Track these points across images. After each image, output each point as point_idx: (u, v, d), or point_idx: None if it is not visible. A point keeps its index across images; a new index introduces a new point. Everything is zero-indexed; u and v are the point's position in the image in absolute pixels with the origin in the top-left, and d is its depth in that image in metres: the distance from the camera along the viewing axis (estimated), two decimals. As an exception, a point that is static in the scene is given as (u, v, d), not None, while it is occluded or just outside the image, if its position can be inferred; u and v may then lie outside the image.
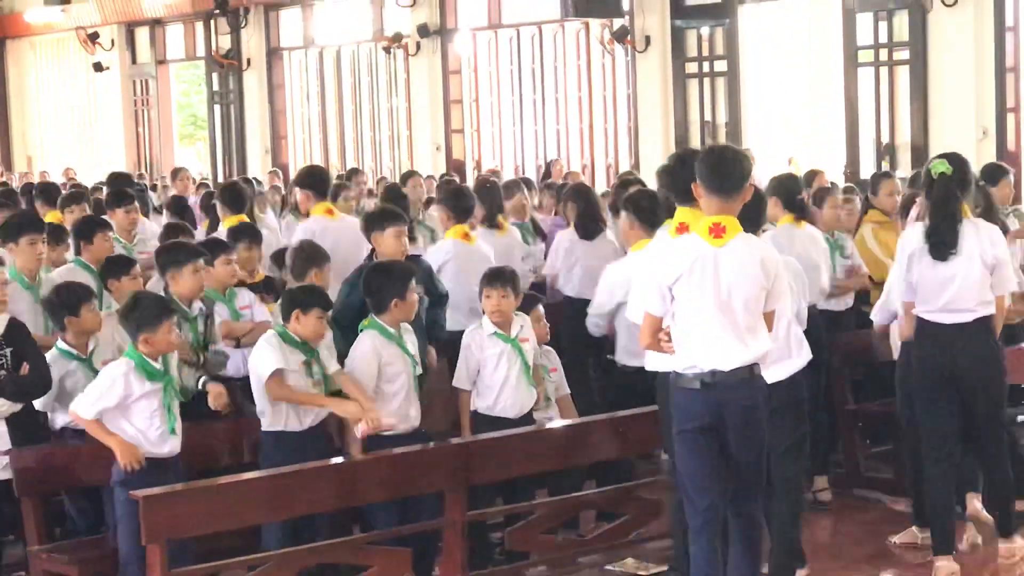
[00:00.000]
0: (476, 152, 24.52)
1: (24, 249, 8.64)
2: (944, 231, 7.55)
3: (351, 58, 26.36)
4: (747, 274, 6.42)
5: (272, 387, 7.41)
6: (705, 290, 6.39)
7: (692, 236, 6.52)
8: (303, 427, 7.55)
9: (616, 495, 8.34)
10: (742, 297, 6.41)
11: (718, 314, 6.39)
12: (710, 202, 6.43)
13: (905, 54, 18.44)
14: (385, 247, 8.71)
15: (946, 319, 7.65)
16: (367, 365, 7.65)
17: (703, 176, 6.45)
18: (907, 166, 17.50)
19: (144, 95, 30.12)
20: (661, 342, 6.51)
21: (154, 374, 7.12)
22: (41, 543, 7.26)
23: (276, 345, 7.48)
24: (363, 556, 7.36)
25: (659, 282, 6.47)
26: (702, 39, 21.10)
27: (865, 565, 8.39)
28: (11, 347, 7.48)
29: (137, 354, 7.13)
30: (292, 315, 7.56)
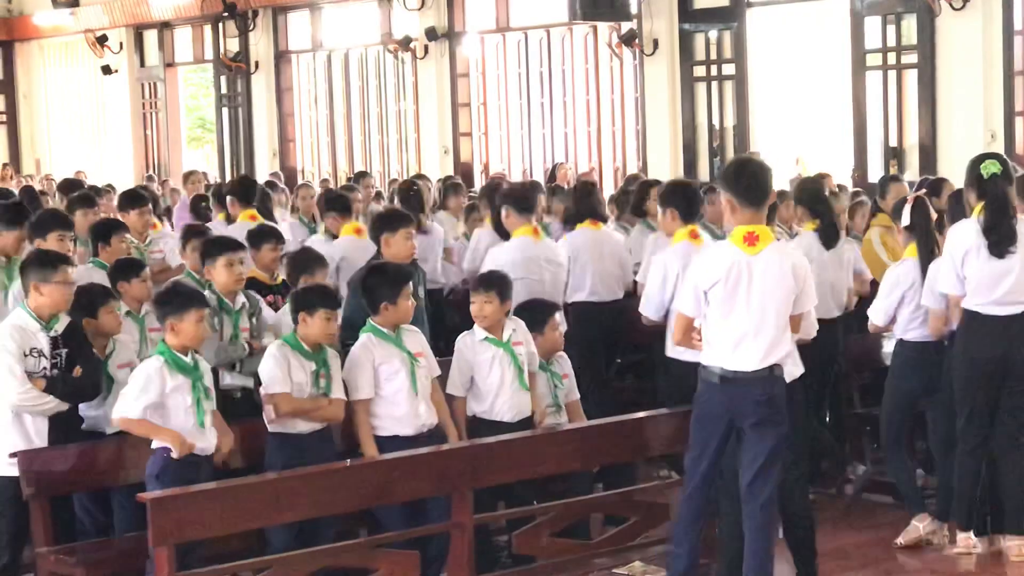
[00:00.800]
0: (484, 155, 24.52)
1: (53, 245, 8.74)
2: (1004, 229, 7.89)
3: (359, 61, 26.37)
4: (779, 280, 6.94)
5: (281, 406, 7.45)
6: (738, 294, 6.91)
7: (727, 244, 7.00)
8: (310, 429, 7.56)
9: (623, 499, 8.34)
10: (773, 301, 6.93)
11: (749, 317, 6.91)
12: (743, 214, 6.92)
13: (913, 58, 18.42)
14: (395, 249, 8.80)
15: (1000, 311, 8.00)
16: (358, 366, 7.67)
17: (737, 190, 6.92)
18: (915, 170, 17.50)
19: (152, 98, 30.15)
20: (693, 340, 7.12)
21: (185, 368, 7.17)
22: (49, 545, 7.27)
23: (285, 360, 7.51)
24: (371, 559, 7.36)
25: (696, 286, 7.01)
26: (710, 43, 21.08)
27: (874, 569, 8.38)
28: (67, 348, 7.54)
29: (167, 349, 7.19)
30: (299, 318, 7.58)
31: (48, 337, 7.51)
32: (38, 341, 7.47)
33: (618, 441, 8.19)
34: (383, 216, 9.53)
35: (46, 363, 7.47)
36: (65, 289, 7.58)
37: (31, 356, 7.43)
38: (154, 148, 30.38)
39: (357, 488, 7.29)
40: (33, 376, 7.41)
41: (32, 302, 7.55)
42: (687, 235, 8.62)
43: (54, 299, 7.53)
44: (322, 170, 26.61)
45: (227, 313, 8.33)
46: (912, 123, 18.60)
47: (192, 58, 29.39)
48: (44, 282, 7.52)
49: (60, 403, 7.46)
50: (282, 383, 7.47)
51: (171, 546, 6.64)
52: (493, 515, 7.92)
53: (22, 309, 7.61)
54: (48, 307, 7.53)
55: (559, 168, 20.54)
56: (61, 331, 7.57)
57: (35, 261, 7.72)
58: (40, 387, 7.40)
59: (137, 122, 30.42)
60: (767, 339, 6.94)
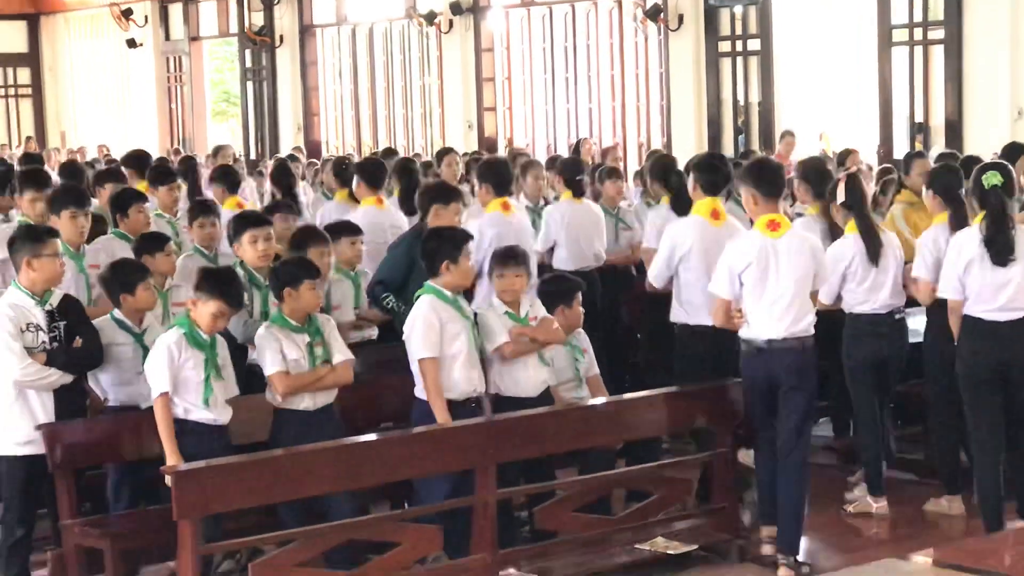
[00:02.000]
0: (508, 130, 24.50)
1: (66, 222, 8.74)
2: (1003, 240, 8.09)
3: (384, 35, 26.36)
4: (801, 261, 7.88)
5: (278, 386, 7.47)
6: (768, 274, 7.82)
7: (755, 231, 7.91)
8: (316, 406, 7.57)
9: (645, 474, 8.34)
10: (797, 278, 7.85)
11: (779, 293, 7.81)
12: (765, 205, 7.89)
13: (940, 33, 18.34)
14: (443, 221, 8.78)
15: (1003, 317, 8.13)
16: (427, 326, 7.63)
17: (759, 186, 7.89)
18: (941, 146, 17.42)
19: (177, 71, 30.18)
20: (734, 319, 7.92)
21: (201, 344, 7.21)
22: (73, 517, 7.30)
23: (275, 340, 7.51)
24: (392, 533, 7.38)
25: (731, 269, 7.89)
26: (735, 18, 21.02)
27: (896, 545, 8.37)
28: (64, 320, 7.55)
29: (188, 322, 7.23)
30: (284, 294, 7.57)
31: (44, 311, 7.48)
32: (34, 316, 7.44)
33: (643, 416, 8.19)
34: (434, 188, 9.56)
35: (44, 337, 7.44)
36: (56, 261, 7.55)
37: (28, 331, 7.40)
38: (179, 122, 30.43)
39: (381, 462, 7.30)
40: (33, 351, 7.38)
41: (24, 278, 7.49)
42: (707, 212, 8.71)
43: (46, 273, 7.50)
44: (346, 144, 26.63)
45: (257, 288, 8.30)
46: (938, 99, 18.53)
47: (217, 32, 29.41)
48: (35, 256, 7.49)
49: (63, 375, 7.45)
50: (275, 363, 7.46)
51: (195, 519, 6.66)
52: (515, 490, 7.91)
53: (14, 286, 7.57)
54: (41, 282, 7.49)
55: (583, 143, 20.48)
56: (56, 304, 7.55)
57: (24, 236, 7.66)
58: (41, 361, 7.40)
59: (162, 96, 30.47)
60: (795, 311, 7.84)
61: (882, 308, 8.88)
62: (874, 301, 8.85)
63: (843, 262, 8.79)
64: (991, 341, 8.15)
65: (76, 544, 7.26)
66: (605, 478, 8.18)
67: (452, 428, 7.52)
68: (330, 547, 7.17)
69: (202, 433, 7.19)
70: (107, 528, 7.31)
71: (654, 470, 8.37)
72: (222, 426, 7.30)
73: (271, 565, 6.96)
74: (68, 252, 8.46)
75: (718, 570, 8.04)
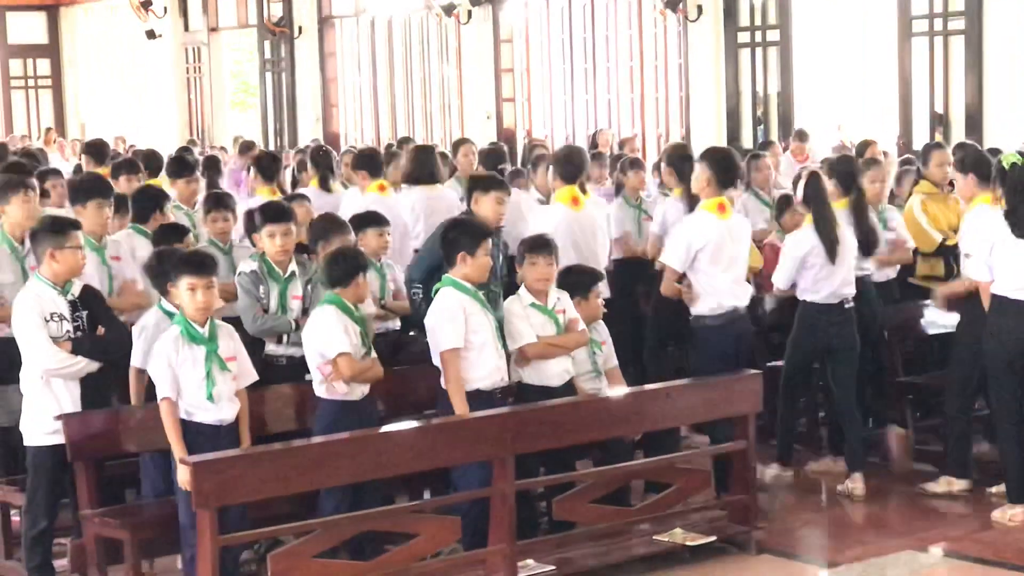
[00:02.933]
0: (527, 121, 24.49)
1: (92, 212, 8.76)
2: (1022, 211, 8.39)
3: (403, 26, 26.35)
4: (744, 240, 9.01)
5: (345, 369, 7.47)
6: (723, 253, 8.77)
7: (707, 213, 8.80)
8: (362, 395, 7.59)
9: (664, 465, 8.34)
10: (744, 258, 8.97)
11: (736, 271, 8.85)
12: (718, 190, 8.80)
13: (960, 24, 18.27)
14: (483, 210, 8.76)
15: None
16: (451, 317, 7.65)
17: (719, 174, 8.80)
18: (961, 137, 17.36)
19: (196, 63, 30.21)
20: (683, 293, 8.82)
21: (197, 338, 7.18)
22: (93, 507, 7.33)
23: (340, 322, 7.52)
24: (411, 524, 7.39)
25: (690, 245, 8.77)
26: (754, 8, 20.96)
27: (914, 537, 8.37)
28: (86, 310, 7.58)
29: (183, 318, 7.21)
30: (354, 280, 7.58)
31: (66, 301, 7.53)
32: (57, 306, 7.49)
33: (662, 408, 8.19)
34: (478, 177, 9.56)
35: (69, 326, 7.49)
36: (78, 253, 7.58)
37: (53, 321, 7.45)
38: (198, 113, 30.46)
39: (399, 453, 7.31)
40: (58, 340, 7.44)
41: (46, 269, 7.54)
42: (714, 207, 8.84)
43: (68, 264, 7.54)
44: (365, 135, 26.64)
45: (275, 280, 8.28)
46: (958, 90, 18.46)
47: (236, 23, 29.40)
48: (57, 248, 7.53)
49: (89, 363, 7.49)
50: (343, 344, 7.47)
51: (214, 509, 6.68)
52: (534, 481, 7.91)
53: (36, 278, 7.61)
54: (64, 274, 7.54)
55: (600, 134, 20.48)
56: (77, 295, 7.59)
57: (47, 228, 7.69)
58: (67, 350, 7.44)
59: (181, 87, 30.50)
60: (744, 286, 8.94)
61: (833, 298, 9.20)
62: (827, 291, 9.17)
63: (800, 252, 9.18)
64: (1016, 320, 8.41)
65: (96, 534, 7.29)
66: (623, 469, 8.18)
67: (471, 419, 7.52)
68: (348, 537, 7.19)
69: (208, 435, 7.16)
70: (126, 518, 7.33)
71: (672, 461, 8.37)
72: (229, 425, 7.27)
73: (290, 555, 6.97)
74: (90, 244, 8.49)
75: (736, 562, 8.04)
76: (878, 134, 16.78)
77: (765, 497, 8.83)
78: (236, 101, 31.66)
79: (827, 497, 9.33)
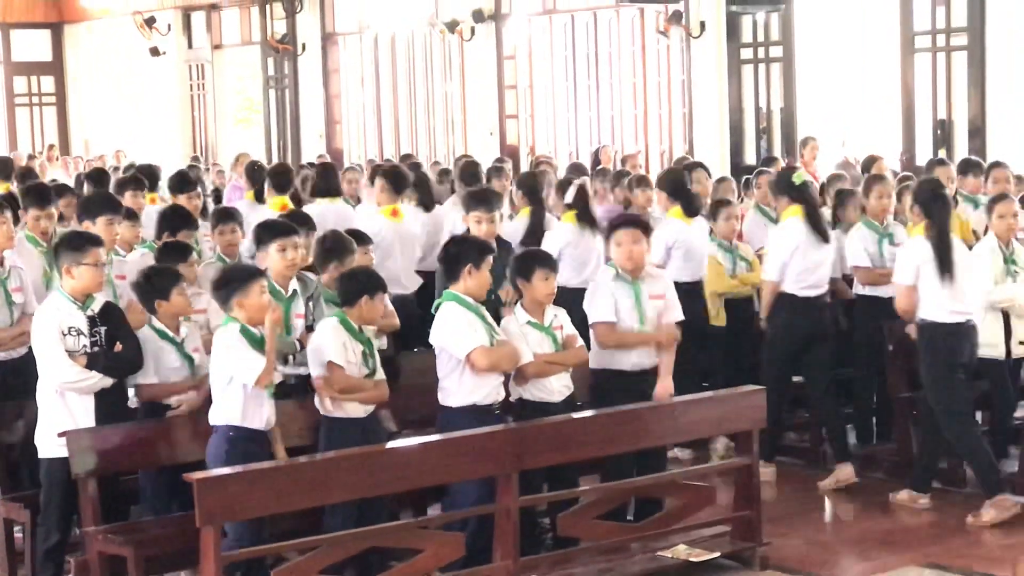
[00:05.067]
0: (530, 138, 24.50)
1: (102, 228, 8.81)
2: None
3: (406, 43, 26.37)
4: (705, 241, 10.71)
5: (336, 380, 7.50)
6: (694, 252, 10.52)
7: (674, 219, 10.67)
8: (365, 412, 7.60)
9: (667, 482, 8.33)
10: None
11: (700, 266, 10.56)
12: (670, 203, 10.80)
13: (963, 40, 18.28)
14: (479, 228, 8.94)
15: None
16: (462, 323, 7.67)
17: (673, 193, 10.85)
18: (964, 152, 17.37)
19: (200, 80, 30.25)
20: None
21: (256, 340, 7.28)
22: (97, 524, 7.32)
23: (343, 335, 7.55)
24: (415, 540, 7.39)
25: (666, 244, 10.41)
26: (757, 25, 20.99)
27: (918, 552, 8.36)
28: (105, 326, 7.60)
29: (241, 324, 7.30)
30: (359, 301, 7.59)
31: (85, 316, 7.57)
32: (75, 320, 7.54)
33: (667, 424, 8.18)
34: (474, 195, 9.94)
35: (86, 341, 7.53)
36: (96, 271, 7.62)
37: (70, 335, 7.51)
38: (201, 130, 30.50)
39: (402, 469, 7.31)
40: (74, 355, 7.48)
41: (66, 284, 7.61)
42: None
43: (85, 281, 7.59)
44: (368, 152, 26.66)
45: (278, 300, 8.20)
46: (961, 106, 18.46)
47: (239, 40, 29.45)
48: (75, 264, 7.57)
49: (103, 378, 7.52)
50: (338, 355, 7.49)
51: (218, 526, 6.68)
52: (538, 497, 7.91)
53: (57, 292, 7.69)
54: (81, 289, 7.59)
55: (602, 151, 20.51)
56: (97, 311, 7.63)
57: (66, 243, 7.75)
58: (82, 364, 7.47)
59: (184, 104, 30.54)
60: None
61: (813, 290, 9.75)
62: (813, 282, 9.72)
63: (792, 240, 9.60)
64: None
65: (99, 551, 7.29)
66: (627, 485, 8.17)
67: (474, 435, 7.53)
68: (352, 554, 7.19)
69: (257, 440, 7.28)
70: (130, 535, 7.33)
71: (676, 477, 8.36)
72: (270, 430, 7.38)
73: (294, 571, 6.97)
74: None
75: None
76: (881, 149, 16.78)
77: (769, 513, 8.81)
78: (240, 118, 31.68)
79: (832, 513, 9.32)
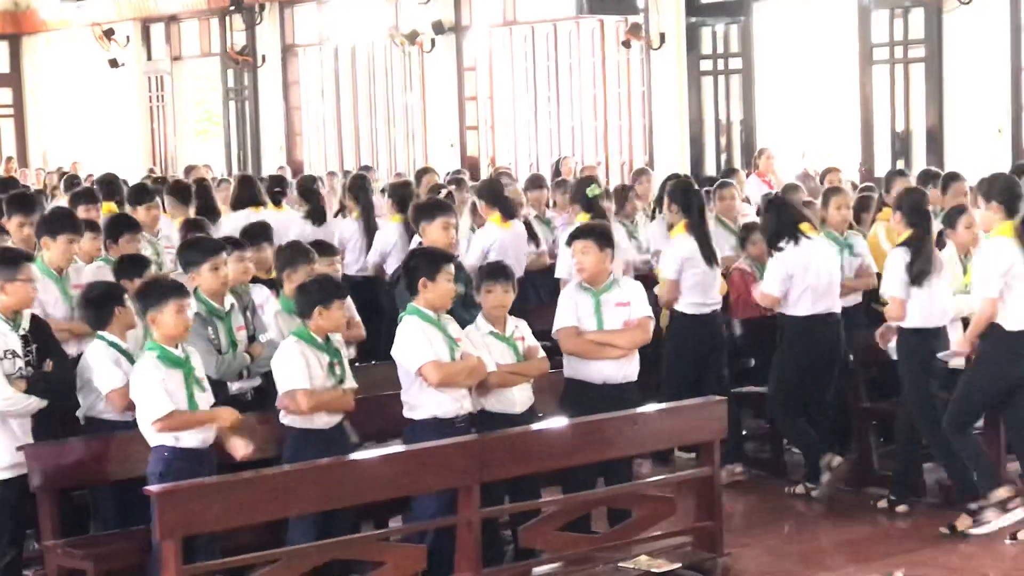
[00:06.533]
0: (491, 149, 24.52)
1: (62, 246, 8.74)
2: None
3: (366, 55, 26.36)
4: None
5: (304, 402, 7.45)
6: (508, 253, 10.83)
7: (491, 224, 11.22)
8: (330, 424, 7.58)
9: (628, 492, 8.34)
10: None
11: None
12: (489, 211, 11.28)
13: (920, 52, 18.39)
14: (433, 237, 8.88)
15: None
16: (420, 336, 7.66)
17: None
18: (922, 164, 17.46)
19: (159, 91, 30.16)
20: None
21: (176, 361, 7.18)
22: (56, 538, 7.28)
23: (302, 356, 7.51)
24: (376, 552, 7.37)
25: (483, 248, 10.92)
26: (717, 36, 21.08)
27: (879, 562, 8.38)
28: (36, 343, 7.54)
29: (156, 344, 7.20)
30: (314, 312, 7.57)
31: (19, 336, 7.51)
32: (9, 342, 7.46)
33: (627, 435, 8.18)
34: (422, 206, 9.70)
35: (21, 363, 7.46)
36: (28, 286, 7.55)
37: (7, 359, 7.43)
38: (161, 142, 30.40)
39: (364, 482, 7.29)
40: (11, 378, 7.40)
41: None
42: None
43: (18, 297, 7.52)
44: (329, 163, 26.62)
45: (219, 318, 8.18)
46: (919, 117, 18.57)
47: (199, 52, 29.38)
48: (8, 281, 7.50)
49: (40, 401, 7.47)
50: (302, 379, 7.47)
51: (178, 539, 6.65)
52: (500, 509, 7.91)
53: None
54: (13, 305, 7.51)
55: (563, 162, 20.54)
56: (28, 327, 7.56)
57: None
58: (21, 388, 7.40)
59: (144, 115, 30.45)
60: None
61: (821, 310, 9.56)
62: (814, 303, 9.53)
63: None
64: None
65: (59, 565, 7.25)
66: (588, 497, 8.18)
67: (436, 447, 7.52)
68: (313, 567, 7.16)
69: (193, 459, 7.17)
70: (89, 549, 7.29)
71: (637, 488, 8.37)
72: (211, 447, 7.28)
73: (255, 585, 6.95)
74: (51, 275, 8.48)
75: (702, 588, 8.04)
76: (840, 161, 16.86)
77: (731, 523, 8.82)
78: (199, 130, 31.61)
79: (794, 523, 9.34)
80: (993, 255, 8.64)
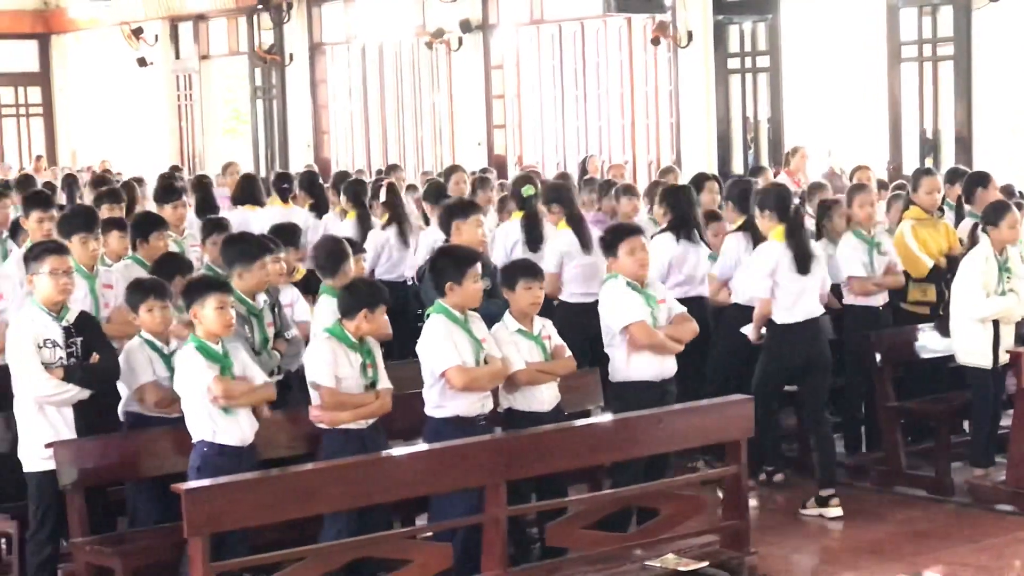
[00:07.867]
0: (518, 148, 24.51)
1: (76, 246, 8.74)
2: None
3: (393, 53, 26.38)
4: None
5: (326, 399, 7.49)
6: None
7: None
8: (366, 425, 7.59)
9: (657, 491, 8.33)
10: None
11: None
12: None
13: (949, 49, 18.33)
14: (466, 236, 8.92)
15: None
16: (444, 338, 7.67)
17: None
18: (951, 162, 17.40)
19: (187, 90, 30.23)
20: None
21: (215, 357, 7.24)
22: (85, 536, 7.31)
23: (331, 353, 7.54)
24: (403, 551, 7.37)
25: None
26: (744, 34, 21.03)
27: (906, 562, 8.37)
28: (81, 336, 7.57)
29: (198, 339, 7.26)
30: (360, 314, 7.57)
31: (61, 327, 7.54)
32: (51, 332, 7.50)
33: (653, 433, 8.18)
34: (455, 205, 9.73)
35: (62, 353, 7.49)
36: (54, 279, 7.56)
37: (46, 347, 7.46)
38: (189, 140, 30.48)
39: (390, 480, 7.30)
40: (51, 367, 7.44)
41: (37, 294, 7.58)
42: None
43: (46, 290, 7.54)
44: (356, 162, 26.65)
45: (255, 316, 8.24)
46: (948, 115, 18.51)
47: (227, 50, 29.45)
48: (35, 273, 7.55)
49: (80, 391, 7.49)
50: (327, 377, 7.49)
51: (205, 536, 6.67)
52: (526, 507, 7.91)
53: (31, 303, 7.63)
54: (46, 299, 7.54)
55: (589, 160, 20.53)
56: (73, 321, 7.60)
57: (28, 253, 7.74)
58: (59, 377, 7.43)
59: (172, 114, 30.52)
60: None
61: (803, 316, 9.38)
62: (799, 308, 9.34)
63: (769, 264, 9.33)
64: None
65: (87, 562, 7.27)
66: (616, 495, 8.17)
67: (462, 445, 7.52)
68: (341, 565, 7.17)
69: (232, 456, 7.23)
70: (118, 546, 7.32)
71: (665, 487, 8.36)
72: (251, 446, 7.34)
73: (282, 583, 6.96)
74: (81, 272, 8.51)
75: (729, 587, 8.04)
76: (868, 159, 16.81)
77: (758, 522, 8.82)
78: (227, 128, 31.69)
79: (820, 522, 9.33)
80: (763, 257, 9.43)
